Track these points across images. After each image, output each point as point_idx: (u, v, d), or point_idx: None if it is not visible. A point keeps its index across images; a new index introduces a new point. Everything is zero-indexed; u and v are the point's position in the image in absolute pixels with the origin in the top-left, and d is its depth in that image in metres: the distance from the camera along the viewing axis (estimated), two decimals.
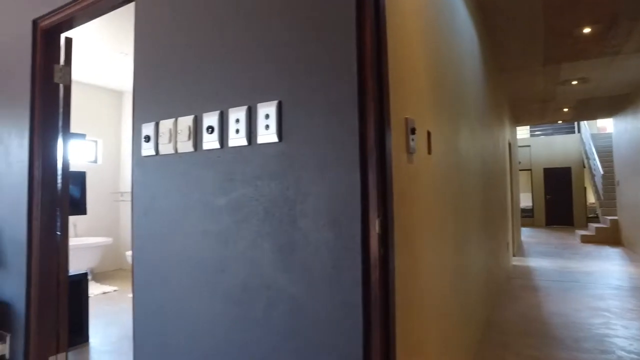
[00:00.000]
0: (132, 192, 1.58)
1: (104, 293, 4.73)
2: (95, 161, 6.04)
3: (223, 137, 1.32)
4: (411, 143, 1.50)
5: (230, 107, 1.30)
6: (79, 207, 3.62)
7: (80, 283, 3.15)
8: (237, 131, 1.27)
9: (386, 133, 1.15)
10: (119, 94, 6.40)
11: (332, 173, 1.11)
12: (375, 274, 1.09)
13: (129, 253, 5.04)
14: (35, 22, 2.17)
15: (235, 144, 1.28)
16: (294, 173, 1.17)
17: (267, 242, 1.21)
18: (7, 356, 2.13)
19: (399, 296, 1.28)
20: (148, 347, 1.49)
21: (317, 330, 1.12)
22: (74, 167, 5.25)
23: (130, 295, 4.59)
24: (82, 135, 5.67)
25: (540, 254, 7.45)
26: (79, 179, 3.66)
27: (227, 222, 1.29)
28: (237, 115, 1.27)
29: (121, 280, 5.45)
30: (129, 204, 6.05)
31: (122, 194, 6.16)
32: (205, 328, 1.33)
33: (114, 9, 2.07)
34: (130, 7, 2.11)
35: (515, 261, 6.68)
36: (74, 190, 3.62)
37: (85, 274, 3.21)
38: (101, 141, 6.09)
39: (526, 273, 5.70)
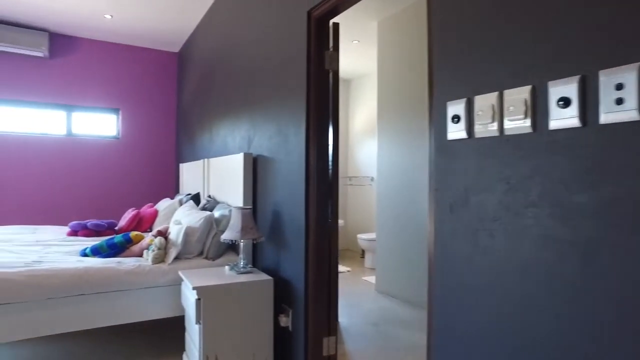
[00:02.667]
0: (430, 182, 1.38)
1: (339, 272, 5.00)
2: None
3: (586, 112, 0.95)
4: None
5: (600, 68, 0.93)
6: None
7: None
8: (620, 101, 0.89)
9: None
10: (347, 82, 6.68)
11: None
12: None
13: (360, 235, 5.20)
14: (309, 13, 2.22)
15: (611, 121, 0.90)
16: None
17: None
18: (290, 329, 2.30)
19: None
20: None
21: None
22: None
23: (365, 277, 4.69)
24: None
25: None
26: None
27: (589, 227, 0.94)
28: (617, 79, 0.89)
29: (350, 260, 5.71)
30: (356, 188, 6.29)
31: (350, 178, 6.45)
32: None
33: None
34: None
35: None
36: None
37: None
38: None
39: None
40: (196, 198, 3.59)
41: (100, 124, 5.18)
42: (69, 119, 4.98)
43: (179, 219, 2.85)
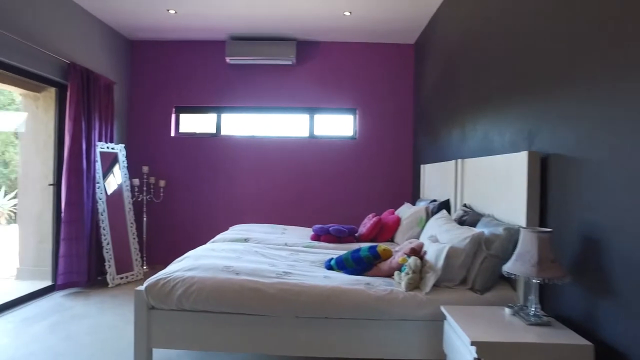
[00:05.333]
0: None
1: None
2: None
3: None
4: None
5: None
6: None
7: None
8: None
9: None
10: None
11: None
12: None
13: None
14: None
15: None
16: None
17: None
18: None
19: None
20: None
21: None
22: None
23: None
24: None
25: None
26: None
27: None
28: None
29: None
30: None
31: None
32: None
33: None
34: None
35: None
36: None
37: None
38: None
39: None
40: (445, 206, 3.01)
41: (338, 125, 5.22)
42: (311, 122, 5.15)
43: (434, 234, 2.32)
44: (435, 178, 3.62)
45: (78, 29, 4.19)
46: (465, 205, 2.72)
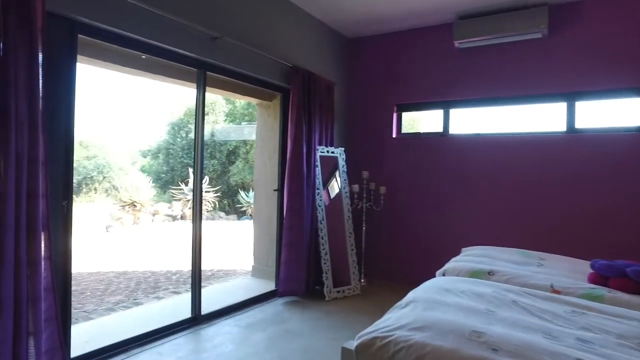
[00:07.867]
0: None
1: None
2: None
3: None
4: None
5: None
6: None
7: None
8: None
9: None
10: None
11: None
12: None
13: None
14: None
15: None
16: None
17: None
18: None
19: None
20: None
21: None
22: None
23: None
24: None
25: None
26: None
27: None
28: None
29: None
30: None
31: None
32: None
33: None
34: None
35: None
36: None
37: None
38: None
39: None
40: None
41: (613, 113, 3.75)
42: (570, 111, 3.83)
43: None
44: None
45: (298, 30, 4.12)
46: None
